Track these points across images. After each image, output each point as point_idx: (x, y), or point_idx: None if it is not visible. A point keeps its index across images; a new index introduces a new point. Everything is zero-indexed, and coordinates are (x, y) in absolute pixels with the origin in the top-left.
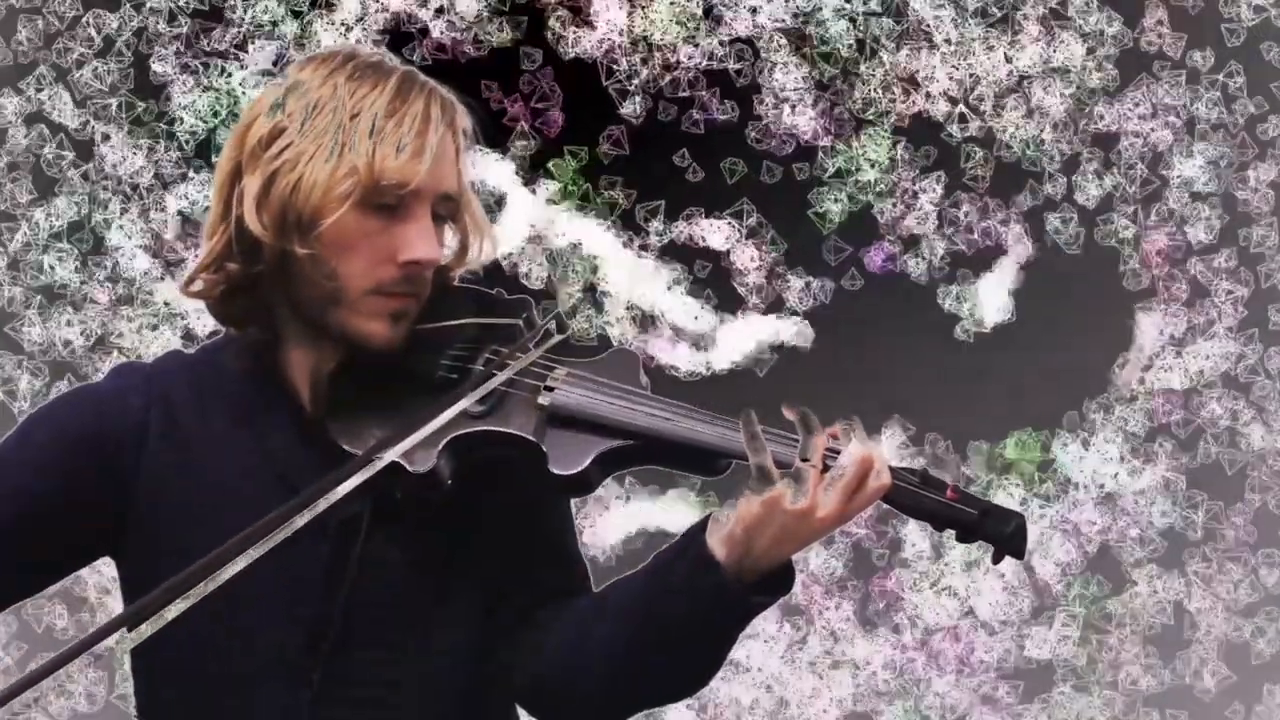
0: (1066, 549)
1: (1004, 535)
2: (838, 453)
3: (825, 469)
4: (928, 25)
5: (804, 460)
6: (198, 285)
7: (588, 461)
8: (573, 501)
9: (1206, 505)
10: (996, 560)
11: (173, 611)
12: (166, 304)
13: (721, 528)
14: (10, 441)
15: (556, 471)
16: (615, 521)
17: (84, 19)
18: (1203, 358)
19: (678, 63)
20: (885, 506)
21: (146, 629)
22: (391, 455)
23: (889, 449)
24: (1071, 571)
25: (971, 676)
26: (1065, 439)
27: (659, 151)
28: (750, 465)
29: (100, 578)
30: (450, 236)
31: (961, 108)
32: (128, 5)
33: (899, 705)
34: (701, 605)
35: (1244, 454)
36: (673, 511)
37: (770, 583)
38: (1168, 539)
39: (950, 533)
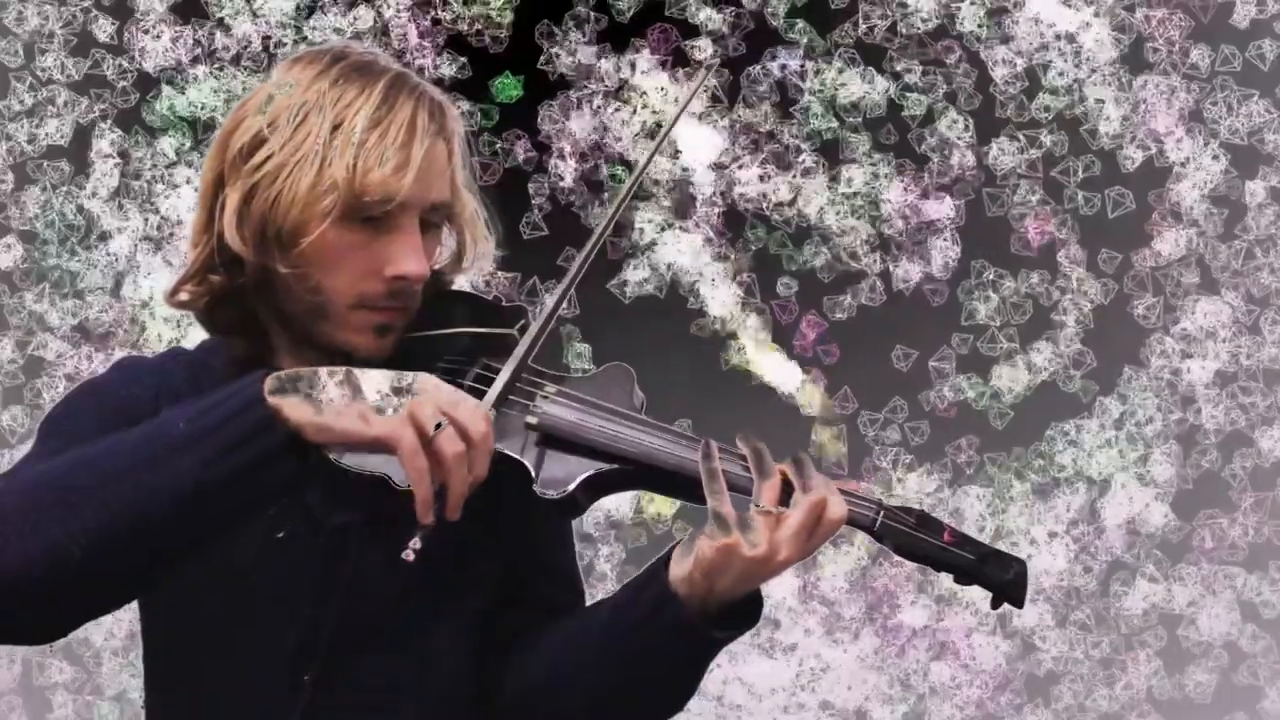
0: (1067, 554)
1: (1003, 582)
2: (794, 488)
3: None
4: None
5: (757, 506)
6: (183, 296)
7: (574, 485)
8: None
9: (1208, 510)
10: (995, 606)
11: None
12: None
13: (682, 568)
14: (33, 451)
15: (542, 492)
16: None
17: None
18: (1210, 360)
19: None
20: (879, 546)
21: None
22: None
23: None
24: (1073, 577)
25: (972, 681)
26: (1066, 442)
27: None
28: (708, 506)
29: None
30: (448, 237)
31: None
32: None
33: (899, 709)
34: (664, 641)
35: (1247, 459)
36: None
37: (737, 615)
38: (1169, 543)
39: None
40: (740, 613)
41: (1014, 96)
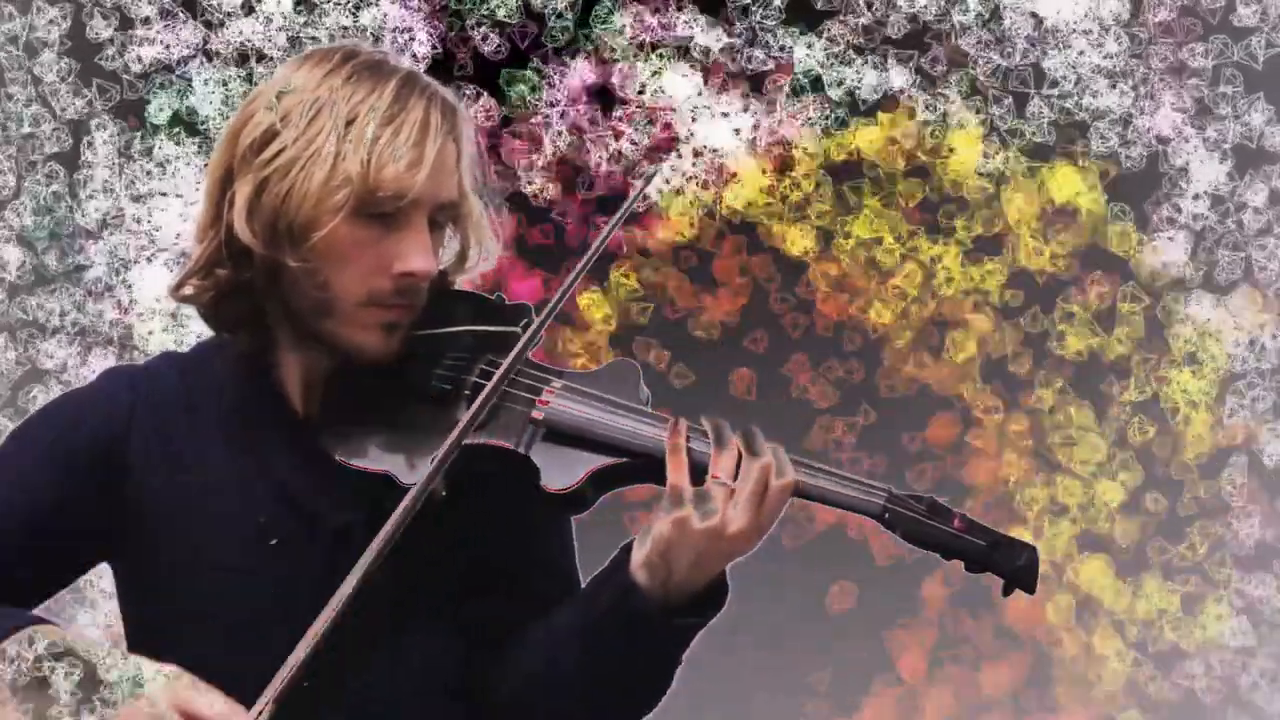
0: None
1: (1014, 568)
2: None
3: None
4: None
5: (713, 478)
6: (187, 290)
7: (580, 478)
8: None
9: (1206, 517)
10: (1006, 592)
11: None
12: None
13: (641, 552)
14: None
15: (548, 487)
16: None
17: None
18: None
19: None
20: (894, 535)
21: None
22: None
23: None
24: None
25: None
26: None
27: None
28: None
29: None
30: (450, 239)
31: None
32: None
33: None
34: (625, 633)
35: (1249, 460)
36: None
37: (702, 602)
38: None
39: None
40: (706, 600)
41: (1003, 100)
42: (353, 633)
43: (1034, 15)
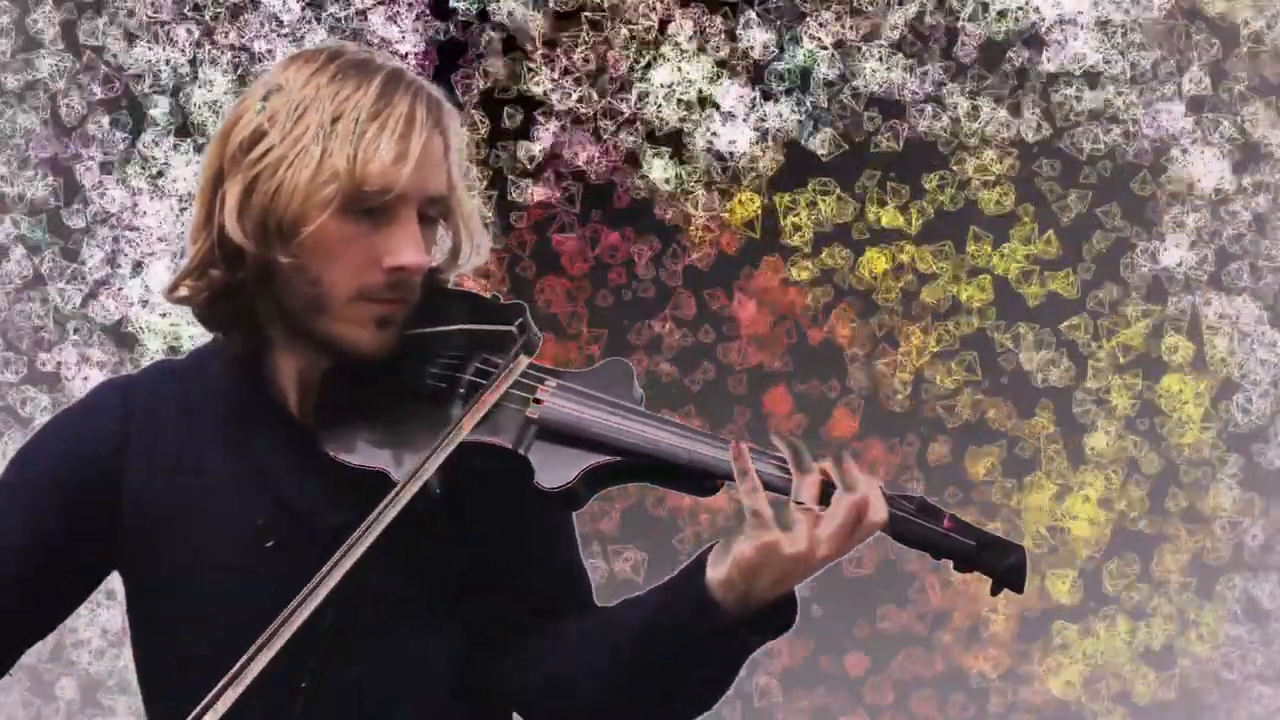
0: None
1: (1002, 568)
2: (834, 486)
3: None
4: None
5: (797, 503)
6: (182, 291)
7: (574, 477)
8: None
9: (1206, 518)
10: (995, 592)
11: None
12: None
13: (720, 570)
14: (1, 486)
15: (542, 485)
16: None
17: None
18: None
19: None
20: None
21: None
22: (415, 485)
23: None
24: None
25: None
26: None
27: None
28: (744, 508)
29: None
30: (442, 237)
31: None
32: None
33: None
34: (699, 648)
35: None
36: None
37: (772, 618)
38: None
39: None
40: (776, 615)
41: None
42: (351, 631)
43: (1035, 12)
